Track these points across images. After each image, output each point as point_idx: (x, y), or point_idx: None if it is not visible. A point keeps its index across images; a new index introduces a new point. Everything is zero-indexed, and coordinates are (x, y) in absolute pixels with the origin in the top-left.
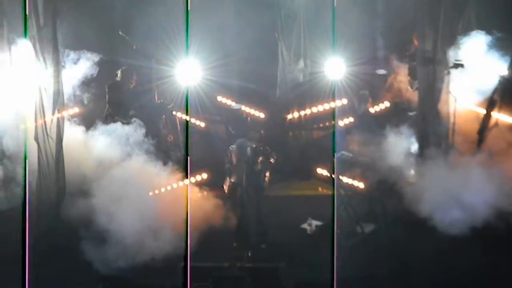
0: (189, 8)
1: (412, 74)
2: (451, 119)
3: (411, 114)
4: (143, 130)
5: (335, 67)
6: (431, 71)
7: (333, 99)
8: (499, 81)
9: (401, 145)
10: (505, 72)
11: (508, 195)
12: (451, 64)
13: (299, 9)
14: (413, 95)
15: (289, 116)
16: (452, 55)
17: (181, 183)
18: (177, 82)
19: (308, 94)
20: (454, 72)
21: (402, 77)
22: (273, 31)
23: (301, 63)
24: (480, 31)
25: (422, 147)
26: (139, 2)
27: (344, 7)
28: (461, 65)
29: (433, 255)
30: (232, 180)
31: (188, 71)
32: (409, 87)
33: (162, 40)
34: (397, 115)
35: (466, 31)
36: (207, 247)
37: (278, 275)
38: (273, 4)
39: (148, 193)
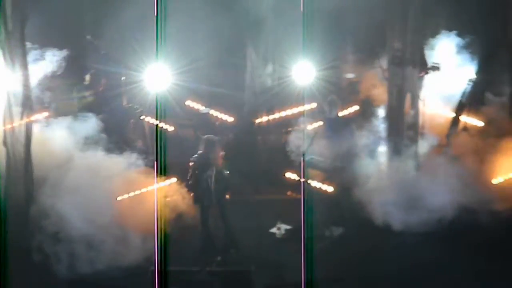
0: (158, 14)
1: (387, 77)
2: (420, 123)
3: (380, 117)
4: (111, 134)
5: (303, 72)
6: (400, 74)
7: (302, 103)
8: (468, 84)
9: (370, 148)
10: (473, 76)
11: (476, 197)
12: (427, 67)
13: (267, 13)
14: (382, 99)
15: (258, 120)
16: (426, 57)
17: (150, 187)
18: (146, 86)
19: (277, 99)
20: (428, 73)
21: (371, 80)
22: (242, 36)
23: (270, 68)
24: (449, 34)
25: (390, 150)
26: (109, 7)
27: (312, 11)
28: (437, 68)
29: (401, 256)
30: (198, 182)
31: (157, 76)
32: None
33: (131, 44)
34: (366, 119)
35: (435, 34)
36: (177, 251)
37: (248, 279)
38: (241, 9)
39: (116, 197)
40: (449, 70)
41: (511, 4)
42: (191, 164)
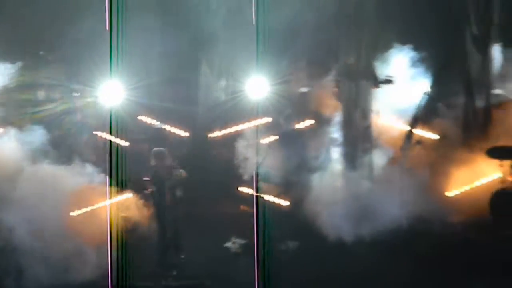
0: (112, 29)
1: (338, 89)
2: (374, 136)
3: (334, 131)
4: (65, 149)
5: (257, 86)
6: (354, 87)
7: (256, 118)
8: (422, 97)
9: (324, 161)
10: (428, 89)
11: (431, 210)
12: (380, 80)
13: (220, 27)
14: (336, 112)
15: (212, 135)
16: (379, 70)
17: (104, 202)
18: (100, 102)
19: (231, 113)
20: (380, 87)
21: (325, 94)
22: (195, 51)
23: (223, 82)
24: (403, 47)
25: (345, 163)
26: (62, 22)
27: (265, 26)
28: (391, 81)
29: (356, 269)
30: (152, 194)
31: (110, 92)
32: (336, 102)
33: (85, 60)
34: (320, 132)
35: (389, 47)
36: (132, 266)
37: None
38: (194, 24)
39: (70, 212)
40: (404, 83)
41: (464, 18)
42: (147, 178)
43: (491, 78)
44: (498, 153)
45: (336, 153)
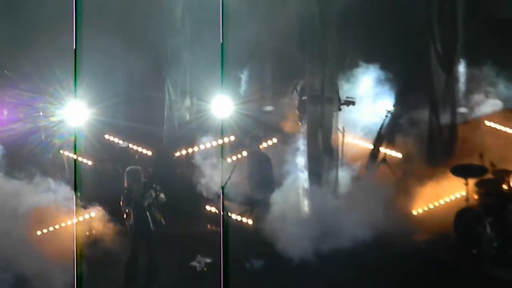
0: (77, 49)
1: (300, 109)
2: (340, 154)
3: (299, 149)
4: (29, 168)
5: (222, 105)
6: (319, 107)
7: (221, 136)
8: (386, 116)
9: (290, 179)
10: (391, 108)
11: (397, 228)
12: (342, 101)
13: (184, 47)
14: (301, 132)
15: (177, 154)
16: (342, 91)
17: (69, 221)
18: (64, 121)
19: (196, 132)
20: (342, 108)
21: (289, 113)
22: (160, 70)
23: (188, 101)
24: (368, 67)
25: (311, 181)
26: (27, 42)
27: (230, 46)
28: (353, 103)
29: (322, 287)
30: (127, 213)
31: (75, 111)
32: (298, 122)
33: (50, 79)
34: (285, 151)
35: (353, 67)
36: (99, 285)
37: None
38: (158, 43)
39: (36, 231)
40: (369, 102)
41: (429, 36)
42: (121, 201)
43: (456, 96)
44: (463, 171)
45: (301, 172)
